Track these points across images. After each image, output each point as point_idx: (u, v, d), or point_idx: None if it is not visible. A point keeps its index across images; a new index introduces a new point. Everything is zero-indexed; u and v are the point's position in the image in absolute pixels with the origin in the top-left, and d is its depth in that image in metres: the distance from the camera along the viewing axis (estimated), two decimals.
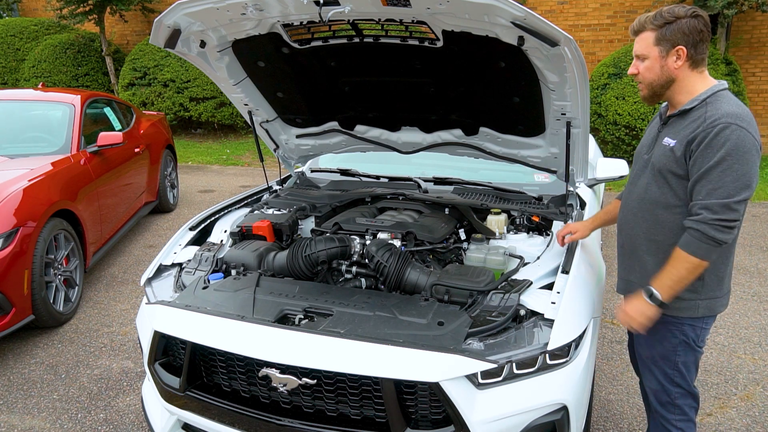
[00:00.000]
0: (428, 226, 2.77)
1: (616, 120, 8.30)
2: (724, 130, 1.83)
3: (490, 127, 3.06)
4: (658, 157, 2.04)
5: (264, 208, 3.27)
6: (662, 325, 2.11)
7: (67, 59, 11.54)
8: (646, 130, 2.28)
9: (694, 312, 2.06)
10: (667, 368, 2.16)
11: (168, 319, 2.23)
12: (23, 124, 5.11)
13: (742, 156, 1.83)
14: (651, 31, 1.95)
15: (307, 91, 3.17)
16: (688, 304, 2.05)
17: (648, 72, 1.99)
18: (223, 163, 9.68)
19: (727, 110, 1.87)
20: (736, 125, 1.83)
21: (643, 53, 1.99)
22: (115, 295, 4.60)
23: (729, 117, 1.85)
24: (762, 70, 9.72)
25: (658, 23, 1.94)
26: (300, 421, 2.07)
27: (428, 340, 1.98)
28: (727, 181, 1.83)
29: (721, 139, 1.84)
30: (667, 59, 1.95)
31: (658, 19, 1.94)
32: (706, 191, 1.87)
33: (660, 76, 1.98)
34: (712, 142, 1.85)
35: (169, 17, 2.48)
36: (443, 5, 2.16)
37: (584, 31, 10.20)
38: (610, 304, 4.26)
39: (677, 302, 2.05)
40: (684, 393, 2.18)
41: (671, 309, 2.06)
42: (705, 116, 1.90)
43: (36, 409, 3.21)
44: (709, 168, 1.86)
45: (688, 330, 2.09)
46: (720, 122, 1.85)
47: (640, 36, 1.99)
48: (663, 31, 1.94)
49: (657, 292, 1.98)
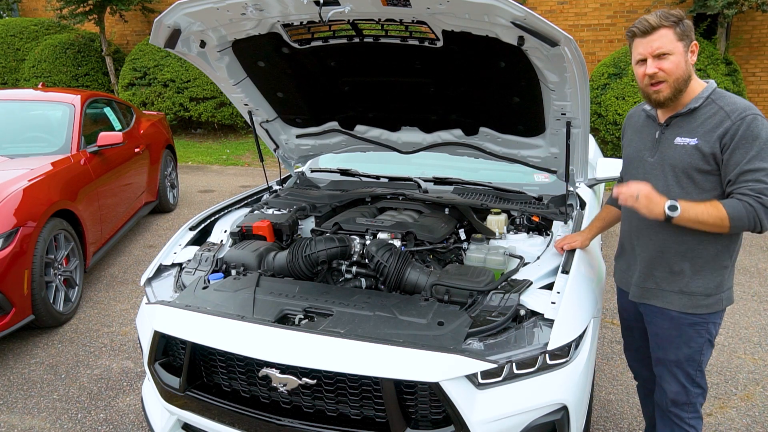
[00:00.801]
0: (428, 226, 2.77)
1: (616, 120, 8.30)
2: (754, 121, 1.91)
3: (490, 127, 3.06)
4: (677, 157, 2.03)
5: (264, 208, 3.27)
6: (689, 326, 2.11)
7: (67, 59, 11.54)
8: (629, 135, 2.28)
9: (719, 306, 2.10)
10: (690, 369, 2.16)
11: (168, 319, 2.23)
12: (23, 124, 5.11)
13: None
14: (669, 29, 1.95)
15: (307, 91, 3.17)
16: (714, 299, 2.09)
17: (676, 68, 1.97)
18: (223, 163, 9.68)
19: (741, 103, 1.95)
20: (756, 114, 1.92)
21: (669, 49, 1.96)
22: (115, 295, 4.60)
23: (748, 109, 1.93)
24: (762, 70, 9.72)
25: (673, 20, 1.95)
26: (300, 421, 2.07)
27: (428, 340, 1.98)
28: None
29: (754, 130, 1.90)
30: (687, 55, 1.99)
31: (670, 17, 1.96)
32: (755, 178, 1.89)
33: (685, 71, 1.99)
34: (746, 133, 1.90)
35: (169, 17, 2.48)
36: (443, 5, 2.16)
37: (584, 31, 10.20)
38: (610, 304, 4.26)
39: (705, 300, 2.08)
40: (702, 393, 2.20)
41: (701, 308, 2.09)
42: (725, 110, 1.95)
43: (36, 409, 3.22)
44: (752, 157, 1.90)
45: (711, 328, 2.13)
46: (745, 114, 1.92)
47: (658, 33, 1.95)
48: (680, 27, 1.96)
49: (678, 213, 1.93)
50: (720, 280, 2.08)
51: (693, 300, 2.09)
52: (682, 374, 2.17)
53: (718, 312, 2.12)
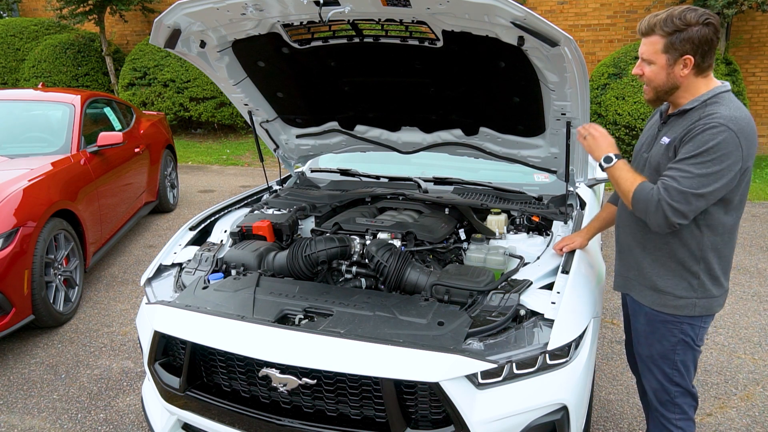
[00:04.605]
0: (428, 226, 2.77)
1: (616, 120, 8.30)
2: (713, 129, 1.84)
3: (490, 127, 3.06)
4: (655, 155, 2.05)
5: (264, 208, 3.27)
6: (661, 324, 2.12)
7: (67, 59, 11.53)
8: (644, 128, 2.28)
9: (692, 311, 2.06)
10: (666, 367, 2.16)
11: (168, 319, 2.23)
12: (23, 124, 5.11)
13: (719, 157, 1.83)
14: (660, 37, 1.91)
15: (307, 91, 3.17)
16: (685, 302, 2.06)
17: (654, 77, 1.97)
18: (223, 163, 9.68)
19: (723, 113, 1.86)
20: (726, 127, 1.83)
21: (649, 58, 1.95)
22: (115, 295, 4.60)
23: (722, 118, 1.84)
24: (762, 70, 9.72)
25: (668, 30, 1.89)
26: (300, 421, 2.07)
27: (428, 340, 1.98)
28: (695, 173, 1.85)
29: (706, 136, 1.84)
30: (674, 67, 1.93)
31: (668, 24, 1.89)
32: (671, 175, 1.89)
33: (665, 83, 1.96)
34: (697, 137, 1.86)
35: (169, 17, 2.48)
36: (443, 5, 2.16)
37: (584, 31, 10.20)
38: (610, 304, 4.26)
39: (675, 300, 2.06)
40: (683, 392, 2.18)
41: (670, 308, 2.08)
42: (700, 115, 1.90)
43: (36, 409, 3.21)
44: (686, 157, 1.87)
45: (687, 329, 2.10)
46: (712, 121, 1.85)
47: (649, 39, 1.94)
48: (672, 39, 1.89)
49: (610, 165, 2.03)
50: (691, 284, 2.04)
51: (662, 298, 2.09)
52: (658, 371, 2.19)
53: (696, 317, 2.07)
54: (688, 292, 2.05)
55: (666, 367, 2.16)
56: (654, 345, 2.17)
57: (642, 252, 2.13)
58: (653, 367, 2.20)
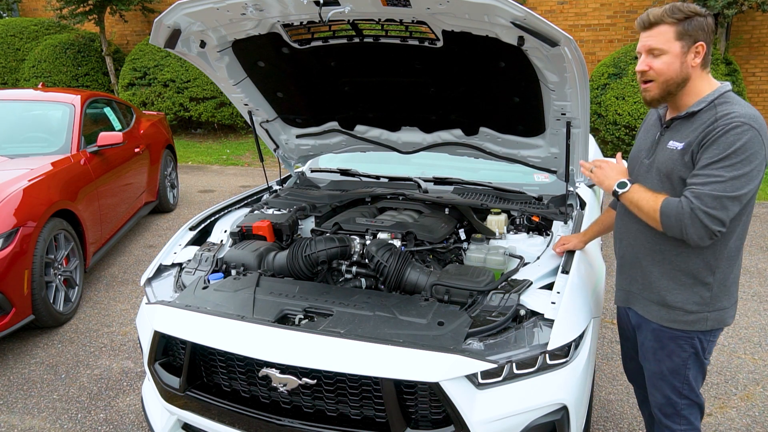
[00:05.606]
0: (428, 226, 2.77)
1: (616, 120, 8.30)
2: (736, 128, 1.76)
3: (490, 127, 3.06)
4: (665, 161, 1.94)
5: (264, 208, 3.27)
6: (671, 340, 2.03)
7: (67, 59, 11.54)
8: (639, 134, 2.19)
9: (704, 325, 1.98)
10: (676, 382, 2.08)
11: (168, 319, 2.23)
12: (23, 124, 5.11)
13: (748, 157, 1.76)
14: (670, 25, 1.83)
15: (307, 91, 3.17)
16: (696, 317, 1.98)
17: (667, 68, 1.86)
18: (223, 163, 9.68)
19: (739, 111, 1.80)
20: (750, 126, 1.76)
21: (661, 47, 1.85)
22: (115, 295, 4.60)
23: (743, 117, 1.78)
24: (762, 70, 9.72)
25: (678, 17, 1.82)
26: (300, 421, 2.07)
27: (428, 340, 1.98)
28: (727, 177, 1.77)
29: (731, 137, 1.76)
30: (687, 56, 1.85)
31: (676, 12, 1.82)
32: (700, 182, 1.80)
33: (679, 74, 1.86)
34: (720, 139, 1.77)
35: (169, 17, 2.48)
36: (443, 5, 2.16)
37: (584, 31, 10.20)
38: (610, 304, 4.26)
39: (685, 315, 1.98)
40: (691, 404, 2.10)
41: (680, 323, 2.00)
42: (716, 116, 1.82)
43: (36, 409, 3.21)
44: (713, 161, 1.78)
45: (697, 343, 2.01)
46: (733, 121, 1.77)
47: (657, 29, 1.85)
48: (684, 25, 1.82)
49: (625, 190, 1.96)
50: (703, 297, 1.95)
51: (671, 314, 2.00)
52: (667, 386, 2.10)
53: (707, 331, 2.00)
54: (699, 306, 1.96)
55: (676, 382, 2.08)
56: (663, 361, 2.08)
57: (651, 265, 2.03)
58: (662, 383, 2.11)
